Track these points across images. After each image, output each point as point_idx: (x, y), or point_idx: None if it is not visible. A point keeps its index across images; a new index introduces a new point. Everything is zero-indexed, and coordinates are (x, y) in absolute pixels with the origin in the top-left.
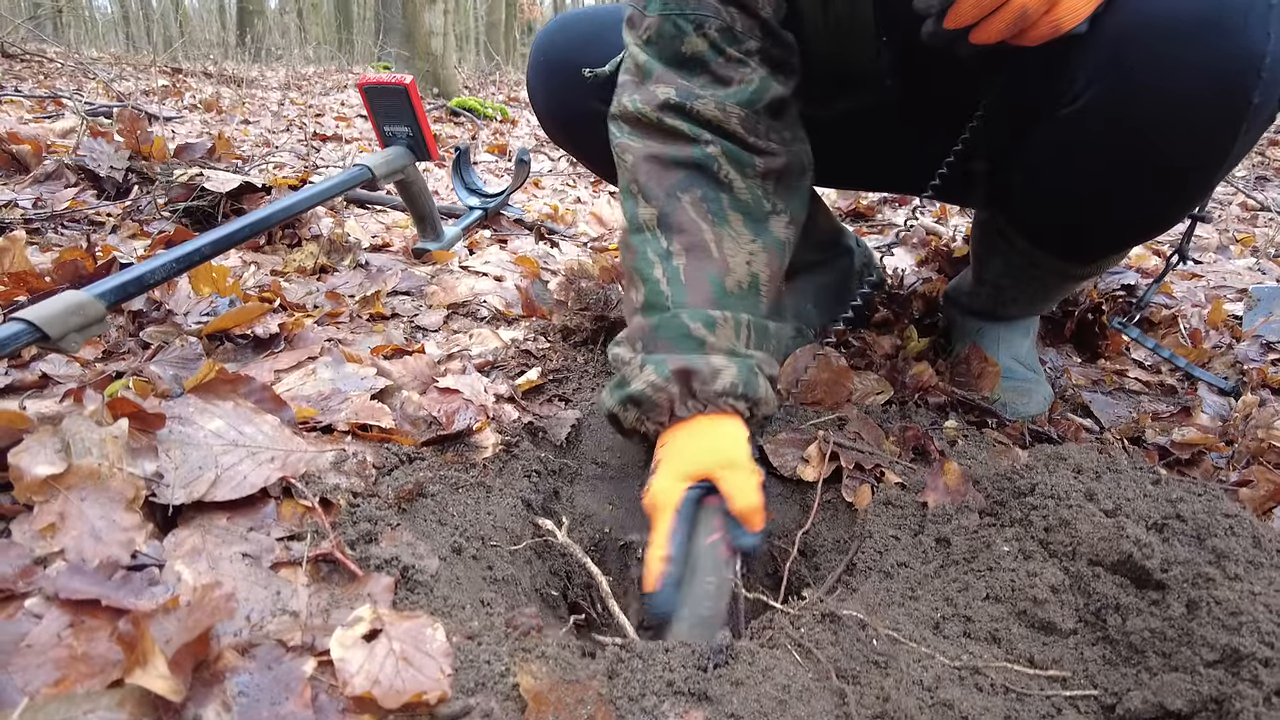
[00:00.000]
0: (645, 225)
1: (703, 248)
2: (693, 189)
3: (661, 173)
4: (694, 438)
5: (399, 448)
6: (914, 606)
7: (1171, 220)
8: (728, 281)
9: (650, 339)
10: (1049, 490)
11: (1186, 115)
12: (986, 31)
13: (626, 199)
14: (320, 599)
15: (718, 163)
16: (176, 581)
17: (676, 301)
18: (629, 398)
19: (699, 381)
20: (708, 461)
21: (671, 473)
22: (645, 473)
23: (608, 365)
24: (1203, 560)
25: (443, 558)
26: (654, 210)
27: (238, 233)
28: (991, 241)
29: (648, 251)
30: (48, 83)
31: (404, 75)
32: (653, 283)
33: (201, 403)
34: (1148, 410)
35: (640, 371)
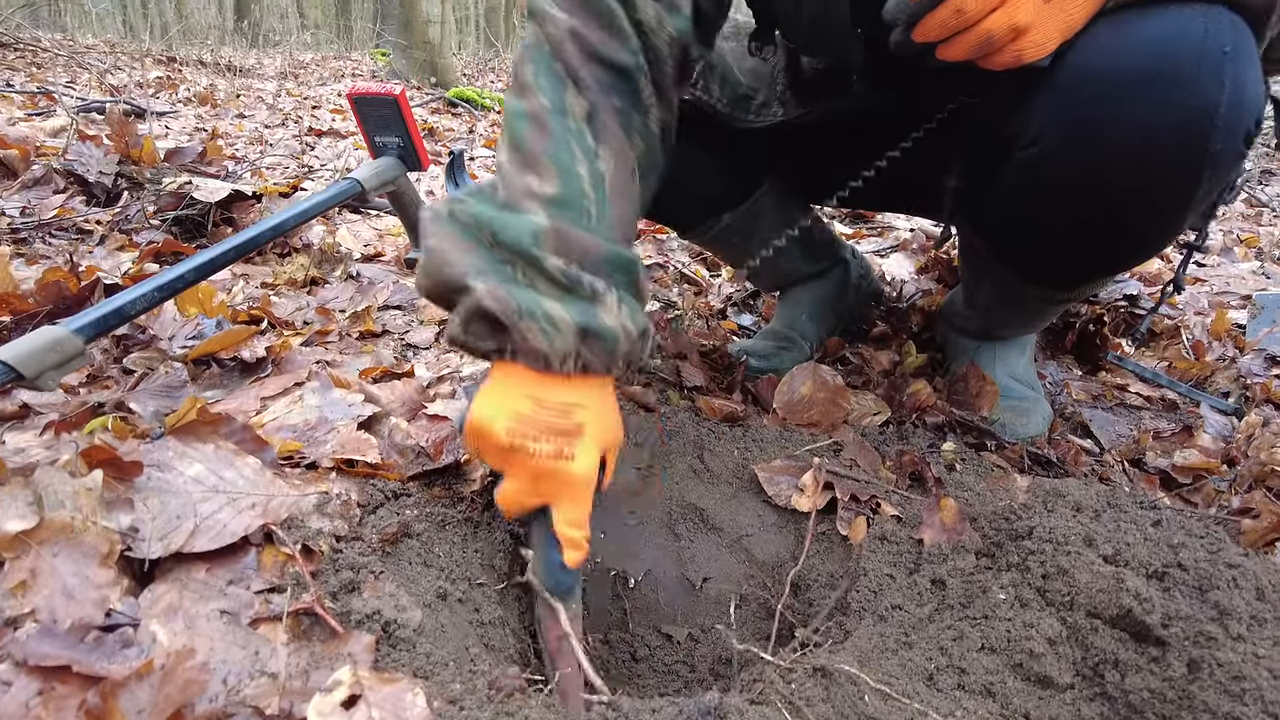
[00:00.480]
0: (570, 112)
1: (624, 165)
2: (613, 96)
3: (590, 64)
4: (609, 405)
5: (385, 483)
6: (907, 656)
7: (1143, 258)
8: (635, 213)
9: (596, 265)
10: (1047, 534)
11: (1143, 167)
12: (952, 50)
13: (548, 76)
14: (300, 658)
15: (645, 77)
16: (151, 643)
17: (599, 217)
18: (594, 329)
19: (642, 345)
20: (611, 439)
21: (597, 448)
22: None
23: None
24: (1204, 616)
25: (428, 604)
26: (585, 102)
27: (221, 257)
28: (977, 266)
29: (571, 142)
30: (40, 75)
31: (394, 86)
32: (575, 180)
33: (181, 446)
34: (1149, 428)
35: (617, 307)
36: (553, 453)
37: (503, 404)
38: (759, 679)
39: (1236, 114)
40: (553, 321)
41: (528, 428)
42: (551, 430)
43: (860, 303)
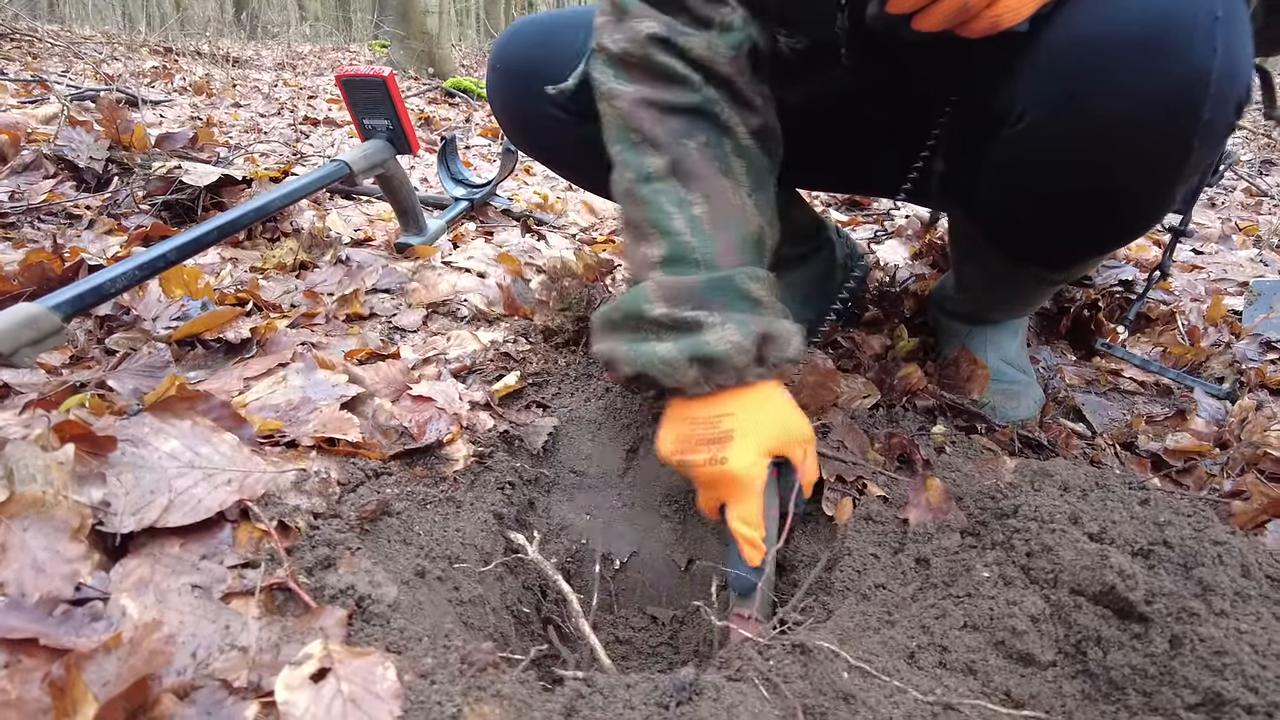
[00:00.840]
0: (655, 175)
1: (720, 195)
2: (696, 135)
3: (663, 118)
4: (766, 409)
5: (366, 462)
6: (889, 634)
7: (1135, 234)
8: (749, 229)
9: (699, 298)
10: (1032, 512)
11: (1133, 138)
12: (927, 20)
13: (627, 149)
14: (271, 632)
15: (719, 105)
16: (121, 616)
17: (705, 255)
18: (704, 356)
19: (774, 347)
20: (784, 437)
21: (755, 448)
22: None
23: (589, 368)
24: (1188, 593)
25: (405, 581)
26: (664, 159)
27: (205, 236)
28: (966, 249)
29: (662, 202)
30: (36, 64)
31: (382, 68)
32: (675, 235)
33: (157, 422)
34: (1142, 413)
35: (721, 329)
36: (707, 459)
37: (669, 430)
38: (737, 656)
39: (1229, 82)
40: (667, 362)
41: (686, 444)
42: (704, 441)
43: (850, 282)
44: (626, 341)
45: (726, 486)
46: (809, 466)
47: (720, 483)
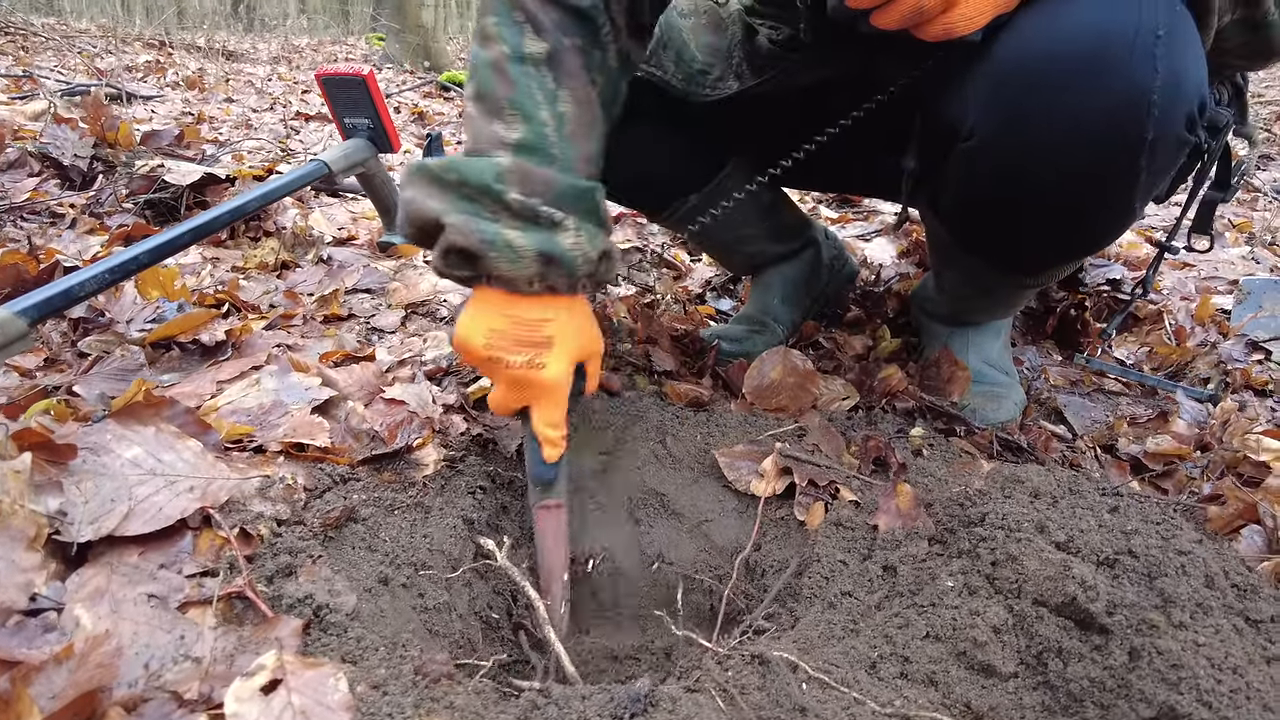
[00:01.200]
0: (530, 58)
1: (587, 103)
2: (573, 35)
3: (548, 6)
4: (581, 321)
5: (334, 468)
6: (852, 644)
7: (1100, 244)
8: (600, 148)
9: (557, 197)
10: (1000, 520)
11: (1078, 157)
12: (885, 17)
13: (507, 23)
14: (227, 642)
15: (603, 17)
16: (75, 627)
17: (564, 156)
18: (552, 254)
19: (605, 266)
20: (586, 347)
21: (568, 356)
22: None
23: None
24: (1149, 604)
25: (368, 589)
26: (544, 45)
27: (178, 239)
28: (941, 252)
29: (532, 87)
30: (29, 59)
31: (361, 66)
32: (537, 124)
33: (120, 429)
34: (1125, 414)
35: (575, 235)
36: (526, 363)
37: (482, 321)
38: (697, 666)
39: (1172, 99)
40: (514, 249)
41: (503, 341)
42: (524, 343)
43: (835, 283)
44: (462, 211)
45: (537, 390)
46: (595, 373)
47: (532, 386)
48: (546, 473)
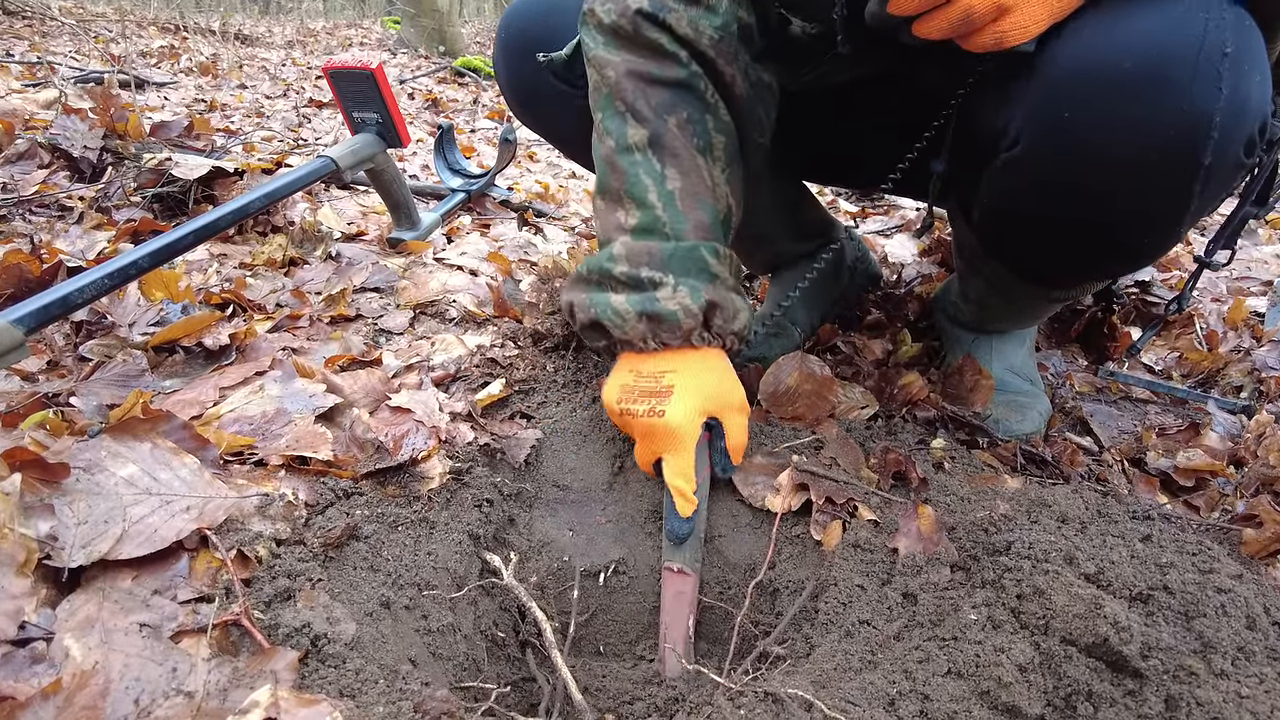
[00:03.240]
0: (635, 146)
1: (695, 173)
2: (678, 111)
3: (648, 90)
4: (707, 372)
5: (336, 482)
6: (869, 678)
7: (1140, 264)
8: (719, 208)
9: (661, 263)
10: (1026, 549)
11: (1130, 179)
12: (929, 26)
13: (611, 117)
14: (221, 674)
15: (703, 81)
16: (64, 658)
17: (675, 229)
18: (654, 313)
19: (722, 318)
20: (720, 401)
21: (693, 407)
22: (613, 478)
23: (577, 374)
24: (1187, 649)
25: (369, 613)
26: (645, 131)
27: (179, 241)
28: (968, 259)
29: (640, 174)
30: (44, 44)
31: (370, 60)
32: (648, 207)
33: (116, 445)
34: (1153, 424)
35: (673, 292)
36: (647, 410)
37: (615, 381)
38: (708, 702)
39: (1234, 123)
40: (619, 313)
41: (629, 395)
42: (646, 393)
43: (856, 286)
44: (587, 292)
45: (662, 438)
46: (738, 432)
47: (656, 434)
48: (680, 527)
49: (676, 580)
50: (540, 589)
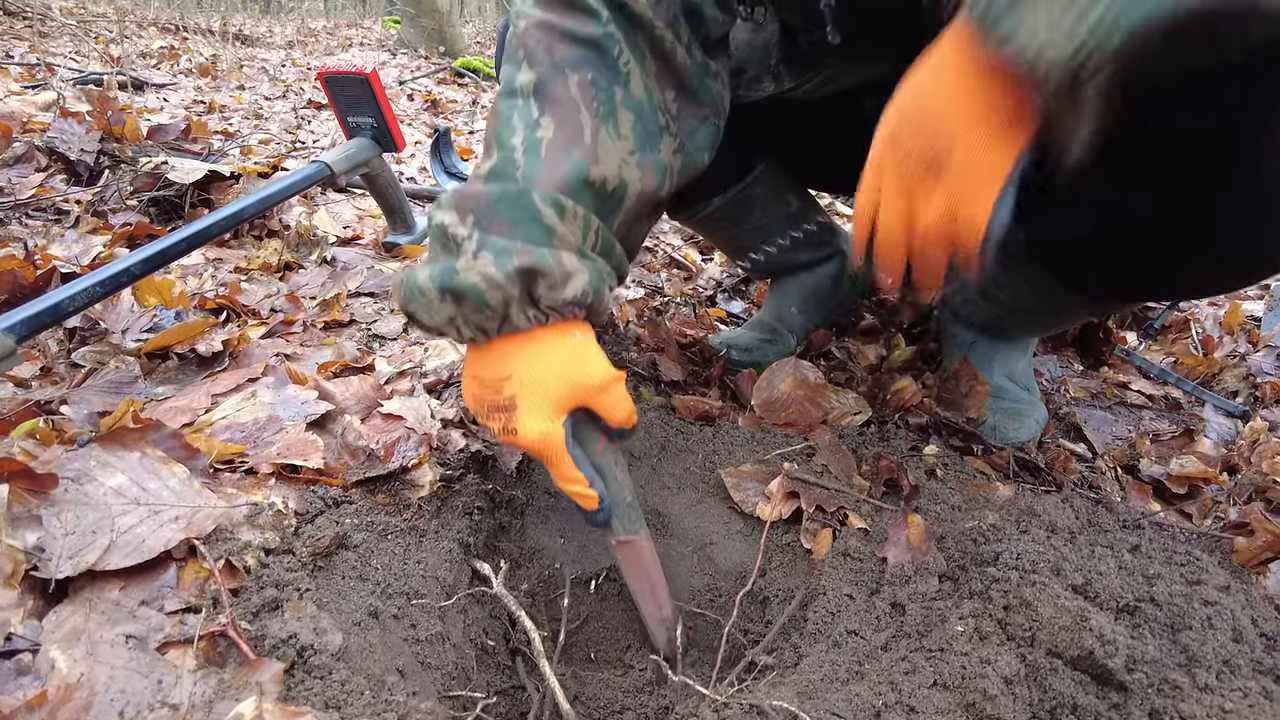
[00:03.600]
0: (519, 90)
1: (575, 129)
2: (583, 69)
3: (553, 43)
4: (543, 362)
5: (326, 490)
6: (856, 689)
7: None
8: (592, 172)
9: (486, 210)
10: (1014, 560)
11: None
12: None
13: (508, 64)
14: (206, 686)
15: (619, 46)
16: (49, 670)
17: (527, 175)
18: (451, 288)
19: (545, 285)
20: (574, 391)
21: (541, 413)
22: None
23: None
24: (1172, 662)
25: (357, 622)
26: (533, 75)
27: (172, 248)
28: (1007, 259)
29: (513, 116)
30: (44, 45)
31: (364, 65)
32: (508, 149)
33: (105, 455)
34: (1147, 430)
35: (475, 259)
36: (501, 429)
37: (466, 386)
38: (694, 714)
39: None
40: (423, 291)
41: (481, 409)
42: (493, 408)
43: (855, 294)
44: (422, 259)
45: (532, 453)
46: (613, 411)
47: (523, 449)
48: (594, 519)
49: (623, 550)
50: (531, 597)
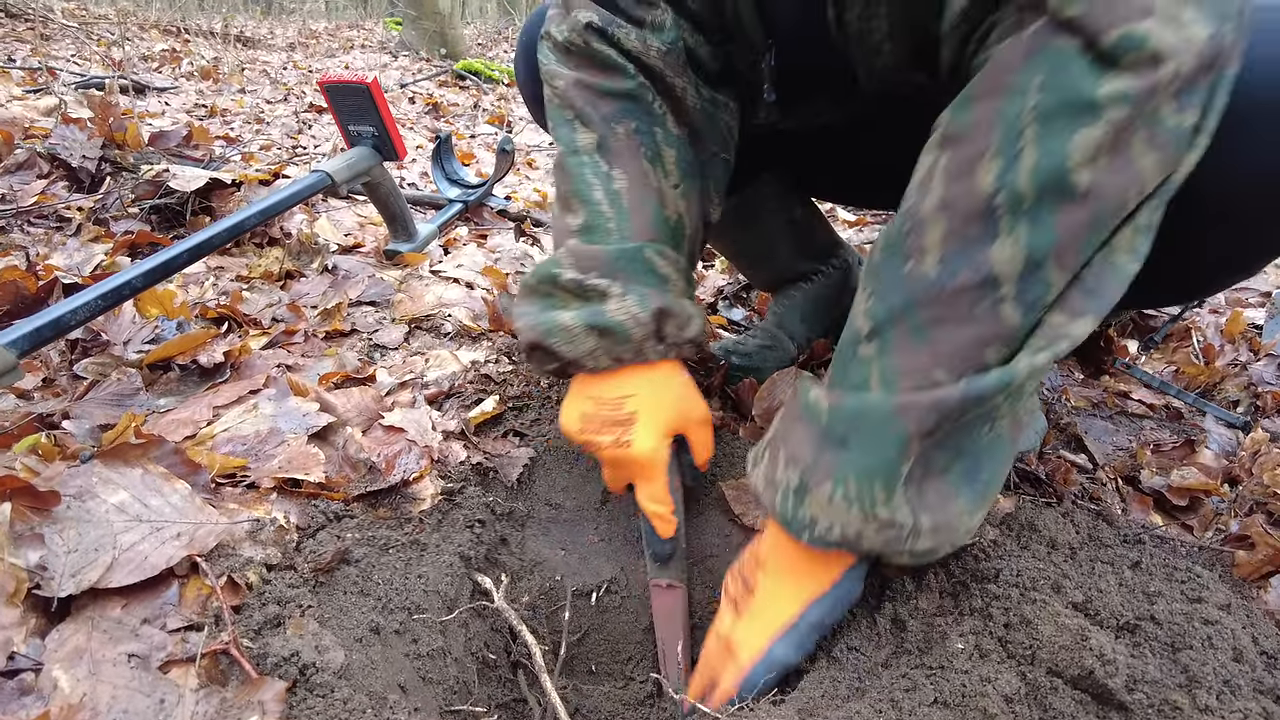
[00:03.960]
0: (583, 150)
1: (642, 179)
2: (626, 120)
3: (597, 100)
4: (667, 391)
5: (328, 504)
6: (856, 707)
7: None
8: (667, 213)
9: (608, 267)
10: (1014, 577)
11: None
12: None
13: (562, 125)
14: (208, 706)
15: (651, 94)
16: (52, 689)
17: (622, 229)
18: (601, 326)
19: (674, 325)
20: (683, 418)
21: (657, 431)
22: (606, 496)
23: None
24: (1172, 682)
25: (359, 639)
26: (594, 136)
27: (174, 260)
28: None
29: (586, 174)
30: (47, 48)
31: (365, 74)
32: (593, 205)
33: (107, 471)
34: (1148, 440)
35: (621, 301)
36: (613, 442)
37: (574, 408)
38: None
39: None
40: (566, 330)
41: (592, 424)
42: (608, 422)
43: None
44: (536, 306)
45: (633, 468)
46: (703, 445)
47: (626, 465)
48: (662, 548)
49: (666, 595)
50: (532, 609)
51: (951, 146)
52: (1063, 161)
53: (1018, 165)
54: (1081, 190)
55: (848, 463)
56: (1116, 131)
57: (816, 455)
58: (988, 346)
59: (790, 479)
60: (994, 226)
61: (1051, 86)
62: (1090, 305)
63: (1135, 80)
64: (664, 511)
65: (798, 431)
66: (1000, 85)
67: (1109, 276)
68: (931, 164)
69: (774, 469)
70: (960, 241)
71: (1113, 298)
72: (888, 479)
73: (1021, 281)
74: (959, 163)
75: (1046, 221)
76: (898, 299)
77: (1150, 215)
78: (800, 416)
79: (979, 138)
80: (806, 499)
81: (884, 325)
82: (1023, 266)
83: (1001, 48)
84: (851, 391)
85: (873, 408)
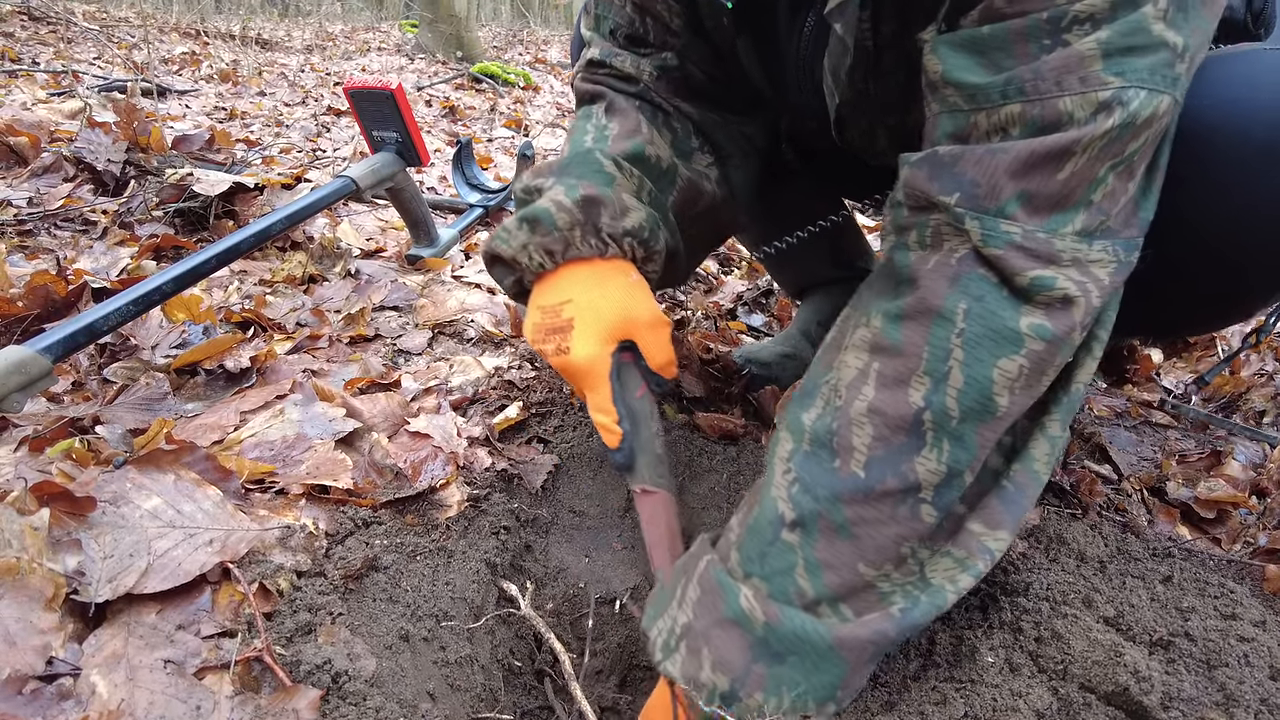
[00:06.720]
0: (590, 112)
1: (635, 125)
2: (634, 102)
3: (614, 82)
4: (602, 291)
5: (356, 511)
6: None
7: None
8: (647, 150)
9: (560, 167)
10: (1044, 590)
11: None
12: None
13: (580, 117)
14: (244, 713)
15: (656, 96)
16: (90, 695)
17: (598, 148)
18: (529, 216)
19: (608, 215)
20: (626, 321)
21: (594, 336)
22: (630, 503)
23: None
24: (1209, 700)
25: (389, 646)
26: (601, 104)
27: (203, 265)
28: None
29: (586, 124)
30: (69, 51)
31: (389, 80)
32: (579, 141)
33: (140, 477)
34: (1174, 450)
35: (551, 191)
36: (554, 349)
37: (528, 319)
38: None
39: None
40: (505, 228)
41: (538, 334)
42: (549, 330)
43: None
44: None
45: (575, 377)
46: (656, 351)
47: (569, 373)
48: (616, 458)
49: (644, 501)
50: (556, 616)
51: (883, 357)
52: (987, 387)
53: (945, 386)
54: (1001, 411)
55: (783, 679)
56: (1035, 361)
57: (748, 665)
58: (906, 543)
59: (718, 683)
60: (920, 439)
61: (975, 314)
62: (1008, 516)
63: (1051, 320)
64: (607, 422)
65: (727, 637)
66: (928, 309)
67: (1030, 485)
68: (864, 367)
69: (697, 668)
70: (887, 448)
71: (1028, 505)
72: (822, 700)
73: (940, 488)
74: (890, 375)
75: (969, 439)
76: (823, 493)
77: (1060, 427)
78: (728, 621)
79: (910, 355)
80: (735, 706)
81: (809, 518)
82: (944, 477)
83: (929, 269)
84: (784, 604)
85: (813, 637)
